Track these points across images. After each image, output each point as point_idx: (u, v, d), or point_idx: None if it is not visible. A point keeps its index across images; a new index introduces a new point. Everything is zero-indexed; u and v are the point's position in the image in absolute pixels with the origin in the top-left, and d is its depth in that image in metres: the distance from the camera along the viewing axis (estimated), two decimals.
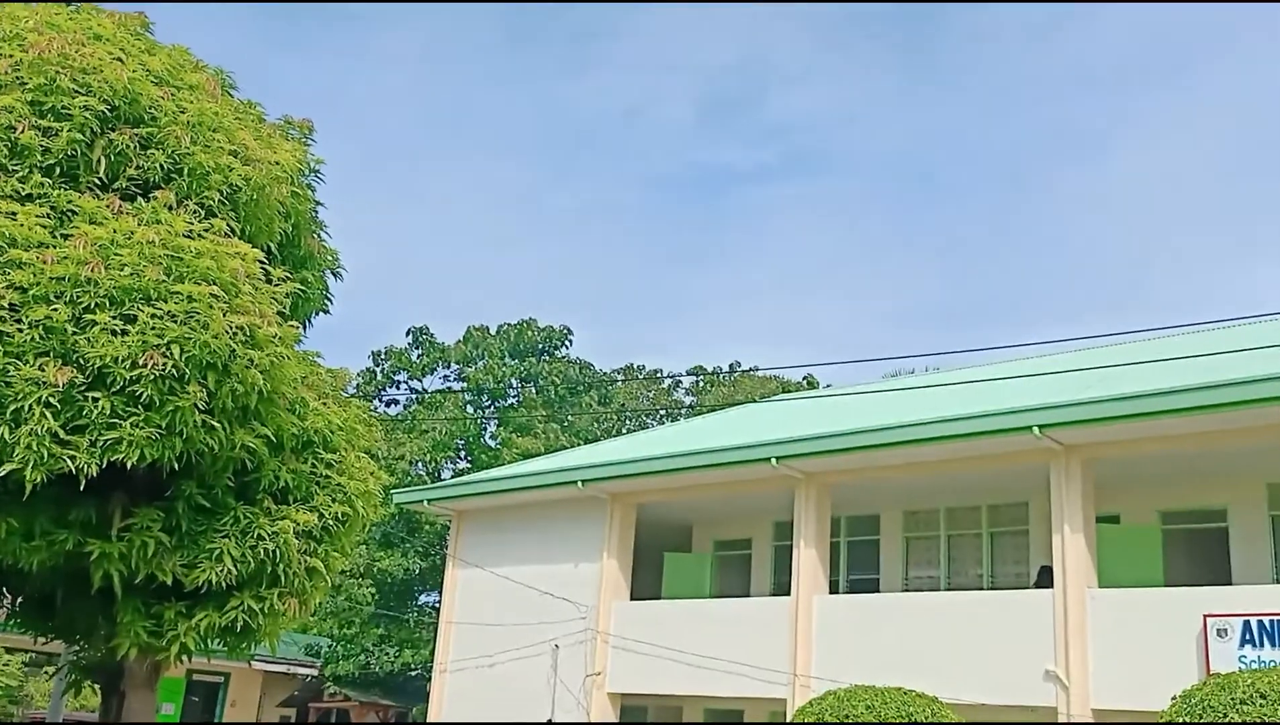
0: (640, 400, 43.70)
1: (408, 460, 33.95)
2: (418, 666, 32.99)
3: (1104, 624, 14.71)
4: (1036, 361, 19.62)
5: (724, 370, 44.61)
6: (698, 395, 44.39)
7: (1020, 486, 17.65)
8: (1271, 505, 16.04)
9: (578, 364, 38.61)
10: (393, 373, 37.65)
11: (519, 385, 36.38)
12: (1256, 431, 14.13)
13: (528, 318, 37.85)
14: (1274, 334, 16.92)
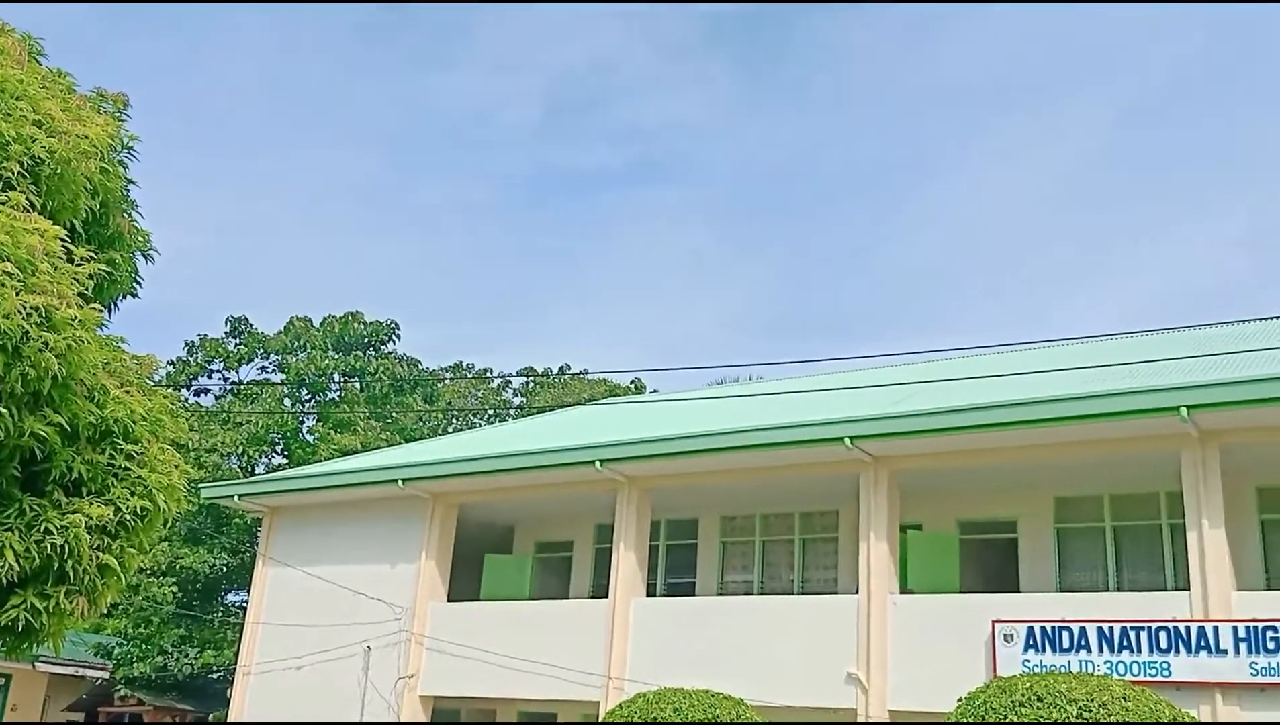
0: (468, 400, 43.24)
1: (219, 453, 32.55)
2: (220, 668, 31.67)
3: (903, 628, 15.43)
4: (853, 375, 20.42)
5: (554, 372, 44.64)
6: (527, 396, 44.27)
7: (831, 495, 18.33)
8: (1058, 518, 17.16)
9: (404, 360, 37.88)
10: (207, 362, 36.03)
11: (341, 380, 35.42)
12: (1046, 448, 15.11)
13: (354, 311, 36.89)
14: (1078, 356, 18.11)
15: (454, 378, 42.31)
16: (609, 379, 41.74)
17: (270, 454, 35.22)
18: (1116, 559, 16.61)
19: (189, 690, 32.40)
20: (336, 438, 33.56)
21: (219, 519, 32.10)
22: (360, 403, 35.75)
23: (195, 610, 31.84)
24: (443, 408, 40.33)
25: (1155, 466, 15.14)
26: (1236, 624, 13.14)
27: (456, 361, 43.29)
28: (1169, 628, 13.50)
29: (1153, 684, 13.04)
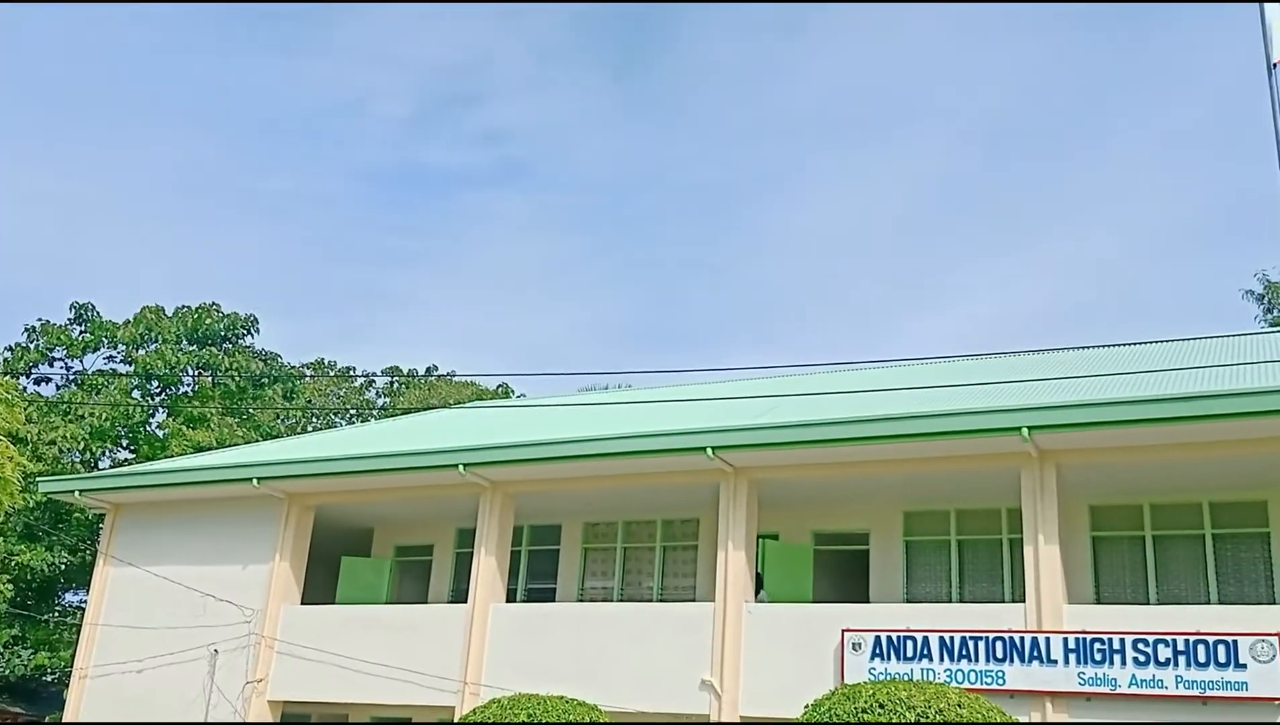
0: (330, 398, 42.27)
1: (59, 446, 31.00)
2: (55, 671, 30.15)
3: (757, 636, 15.77)
4: (717, 386, 20.79)
5: (419, 373, 43.98)
6: (391, 397, 43.52)
7: (693, 503, 18.61)
8: (907, 531, 17.81)
9: (263, 355, 36.75)
10: (49, 349, 34.24)
11: (195, 373, 34.16)
12: (896, 464, 15.68)
13: (210, 302, 35.63)
14: (929, 375, 18.81)
15: (315, 375, 41.29)
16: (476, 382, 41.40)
17: (116, 449, 33.74)
18: (960, 571, 17.34)
19: (21, 693, 30.79)
20: (188, 433, 32.37)
21: (58, 515, 30.58)
22: (215, 398, 34.55)
23: (30, 610, 30.24)
24: (303, 406, 39.32)
25: (998, 483, 15.85)
26: (1067, 635, 13.87)
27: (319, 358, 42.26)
28: (1005, 638, 14.16)
29: (988, 691, 13.68)
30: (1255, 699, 12.78)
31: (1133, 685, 13.35)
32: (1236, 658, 12.98)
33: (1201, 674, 13.09)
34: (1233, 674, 12.96)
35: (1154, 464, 14.74)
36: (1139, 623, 13.69)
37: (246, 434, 33.80)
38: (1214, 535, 15.83)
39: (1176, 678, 13.18)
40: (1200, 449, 14.12)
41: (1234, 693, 12.89)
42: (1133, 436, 14.14)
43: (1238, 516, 15.73)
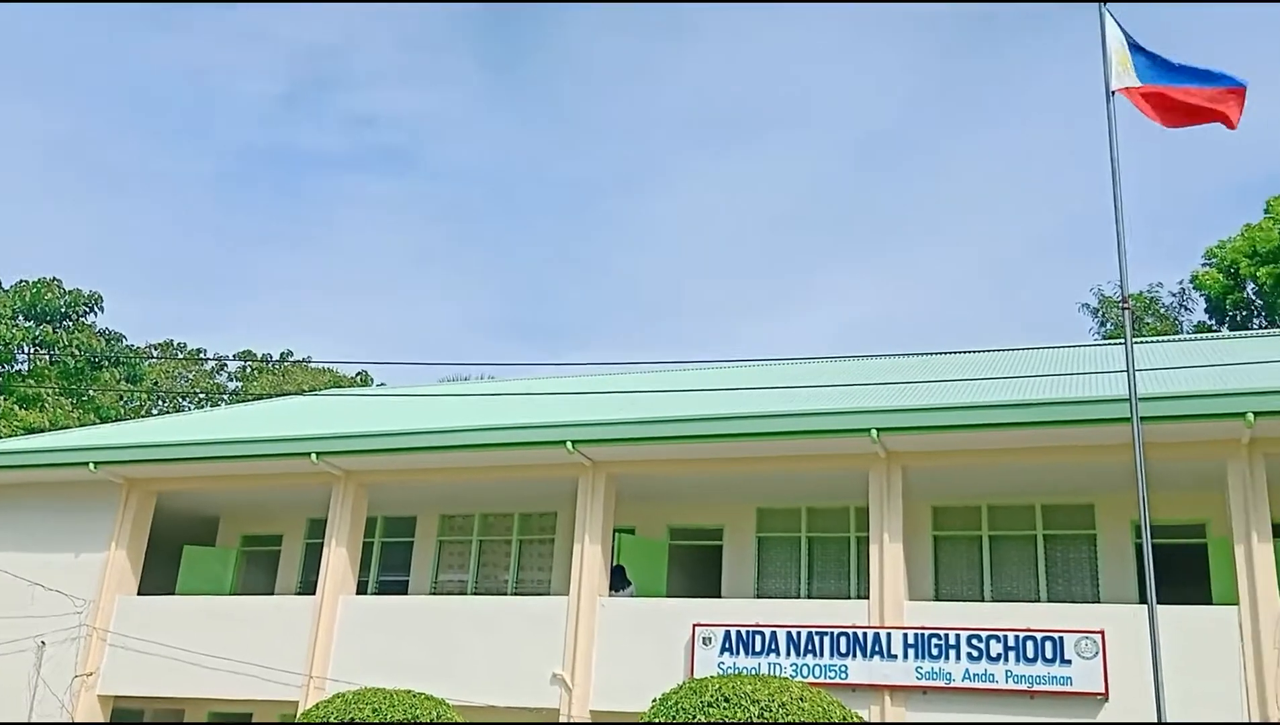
0: (178, 381, 40.62)
1: None
2: None
3: (611, 630, 15.86)
4: (578, 380, 20.81)
5: (274, 358, 42.63)
6: (244, 382, 42.09)
7: (551, 497, 18.58)
8: (760, 528, 18.18)
9: (106, 335, 35.03)
10: None
11: (30, 351, 32.36)
12: (751, 461, 15.98)
13: (51, 277, 33.80)
14: (789, 375, 19.23)
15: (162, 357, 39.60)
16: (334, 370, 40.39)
17: None
18: (809, 568, 17.78)
19: None
20: (20, 414, 30.64)
21: None
22: (51, 377, 32.79)
23: None
24: (148, 388, 37.66)
25: (847, 483, 16.32)
26: (907, 631, 14.38)
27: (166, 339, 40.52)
28: (849, 633, 14.59)
29: (831, 685, 14.08)
30: (1078, 694, 13.49)
31: (966, 680, 13.93)
32: (1062, 654, 13.68)
33: (1030, 669, 13.75)
34: (1058, 669, 13.65)
35: (993, 467, 15.39)
36: (974, 619, 14.28)
37: (83, 417, 32.18)
38: (1045, 536, 16.65)
39: (1007, 672, 13.81)
40: (1035, 454, 14.81)
41: (1059, 687, 13.57)
42: (974, 440, 14.74)
43: (1067, 519, 16.56)
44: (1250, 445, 13.72)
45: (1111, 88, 12.26)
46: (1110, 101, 12.17)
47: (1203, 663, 13.12)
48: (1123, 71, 12.46)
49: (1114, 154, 11.74)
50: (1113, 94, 12.15)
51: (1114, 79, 12.28)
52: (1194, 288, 33.38)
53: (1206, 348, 19.03)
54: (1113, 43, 12.47)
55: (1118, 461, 13.53)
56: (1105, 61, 12.17)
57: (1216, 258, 32.38)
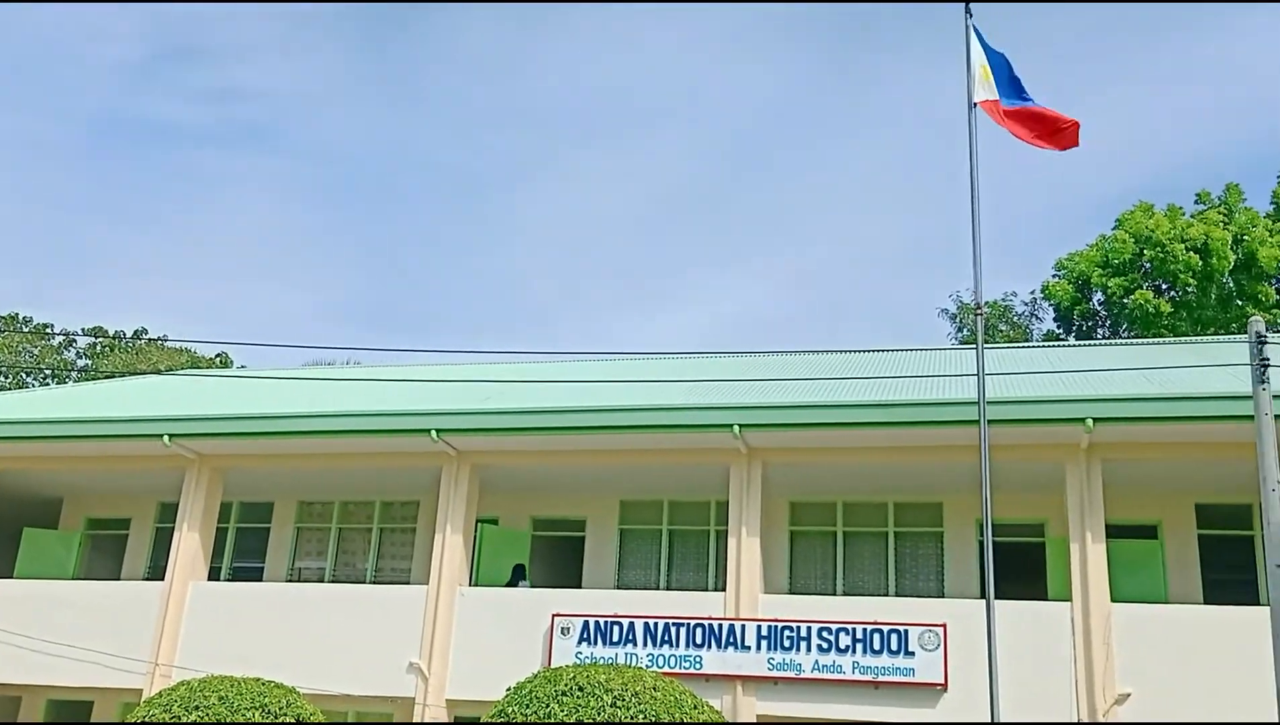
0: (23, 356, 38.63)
1: None
2: None
3: (469, 620, 15.78)
4: (444, 369, 20.59)
5: (127, 336, 40.91)
6: (94, 359, 40.29)
7: (414, 486, 18.36)
8: (622, 520, 18.31)
9: None
10: None
11: None
12: (614, 454, 16.10)
13: None
14: (655, 370, 19.38)
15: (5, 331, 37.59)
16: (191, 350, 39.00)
17: None
18: (669, 560, 18.01)
19: None
20: None
21: None
22: None
23: None
24: None
25: (708, 477, 16.58)
26: (761, 623, 14.71)
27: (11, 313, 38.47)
28: (705, 625, 14.84)
29: (686, 675, 14.31)
30: (920, 684, 14.02)
31: (815, 670, 14.33)
32: (906, 646, 14.19)
33: (876, 660, 14.23)
34: (902, 661, 14.16)
35: (849, 465, 15.85)
36: (825, 612, 14.70)
37: None
38: (896, 533, 17.22)
39: (854, 663, 14.26)
40: (889, 453, 15.32)
41: (902, 678, 14.09)
42: (831, 438, 15.16)
43: (917, 516, 17.17)
44: (1089, 450, 14.46)
45: (973, 100, 12.74)
46: (971, 113, 12.64)
47: (1037, 656, 13.79)
48: (984, 84, 12.96)
49: (973, 164, 12.21)
50: (974, 105, 12.63)
51: (975, 91, 12.76)
52: (1044, 298, 34.92)
53: (1053, 355, 19.95)
54: (976, 56, 12.96)
55: (966, 462, 14.08)
56: (968, 74, 12.64)
57: (1066, 269, 33.95)
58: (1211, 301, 30.75)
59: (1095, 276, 32.67)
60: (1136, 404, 13.82)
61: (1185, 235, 30.99)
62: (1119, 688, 13.49)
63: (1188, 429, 13.80)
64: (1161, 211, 32.27)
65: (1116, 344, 23.92)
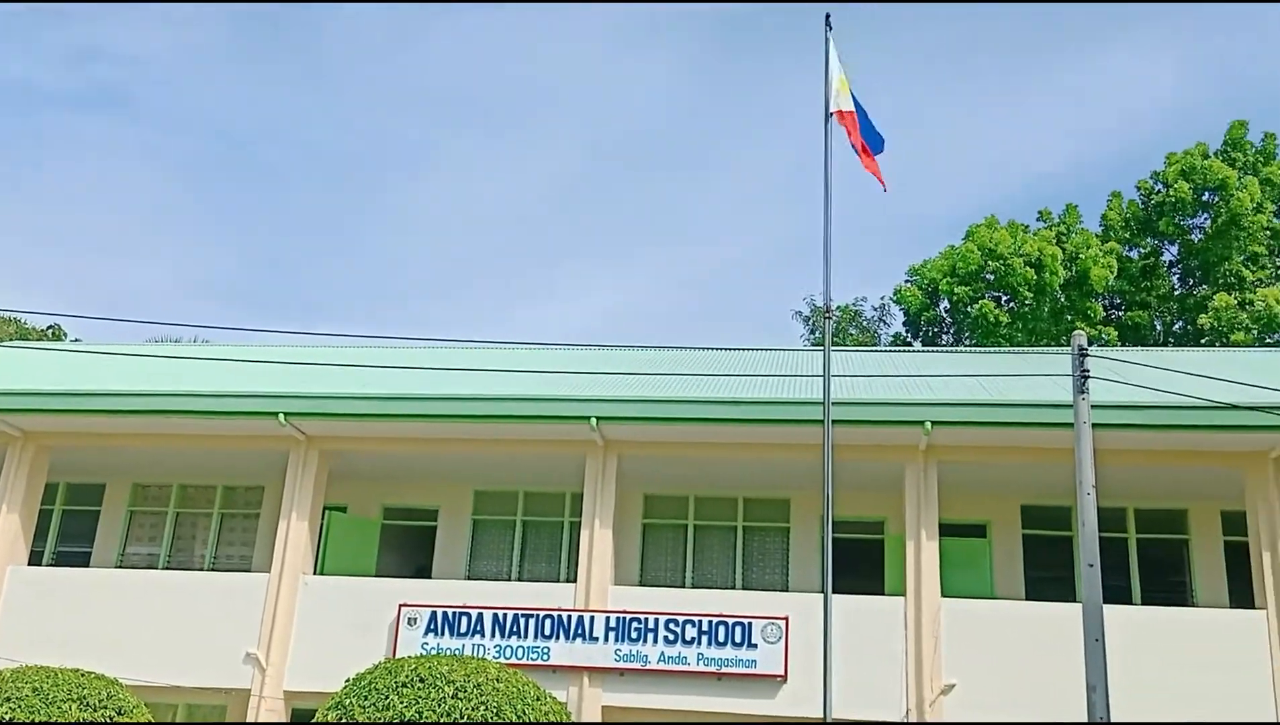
0: None
1: None
2: None
3: (313, 609, 15.40)
4: (298, 350, 20.01)
5: None
6: None
7: (259, 470, 17.80)
8: (476, 510, 18.15)
9: None
10: None
11: None
12: (469, 443, 15.95)
13: None
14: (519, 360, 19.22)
15: None
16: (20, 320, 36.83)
17: None
18: (522, 551, 17.95)
19: None
20: None
21: None
22: None
23: None
24: None
25: (564, 468, 16.58)
26: (609, 615, 14.81)
27: None
28: (554, 616, 14.86)
29: (533, 667, 14.30)
30: (762, 675, 14.35)
31: (661, 662, 14.51)
32: (750, 638, 14.51)
33: (720, 652, 14.50)
34: (745, 653, 14.47)
35: (702, 459, 16.09)
36: (672, 604, 14.90)
37: None
38: (745, 527, 17.57)
39: (699, 655, 14.50)
40: (740, 449, 15.62)
41: (745, 670, 14.39)
42: (686, 433, 15.37)
43: (765, 512, 17.55)
44: (927, 451, 15.05)
45: (830, 109, 13.11)
46: (828, 122, 13.00)
47: (872, 648, 14.29)
48: (842, 95, 13.36)
49: (828, 171, 12.58)
50: (830, 115, 13.00)
51: (833, 101, 13.13)
52: (895, 302, 36.20)
53: (898, 360, 20.69)
54: (835, 67, 13.33)
55: (813, 460, 14.47)
56: (826, 84, 12.99)
57: (919, 276, 35.28)
58: (1045, 314, 32.39)
59: (943, 284, 33.99)
60: (971, 409, 14.46)
61: (1024, 251, 32.56)
62: (945, 679, 14.09)
63: (1016, 434, 14.51)
64: (1005, 227, 33.81)
65: (956, 351, 24.97)
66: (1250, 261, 32.50)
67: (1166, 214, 33.67)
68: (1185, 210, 33.42)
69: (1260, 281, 31.96)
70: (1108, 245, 33.49)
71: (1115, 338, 32.49)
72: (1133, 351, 20.07)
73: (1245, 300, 31.25)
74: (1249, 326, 30.56)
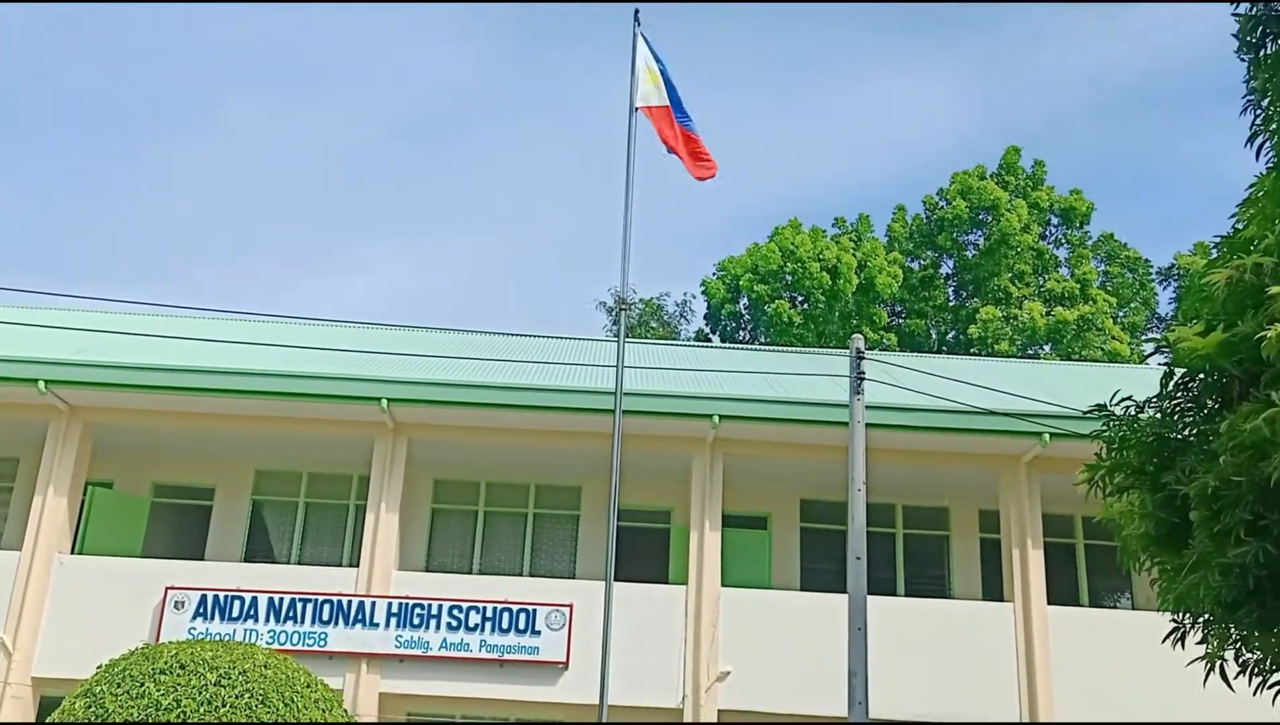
0: None
1: None
2: None
3: (69, 591, 14.49)
4: (60, 315, 18.69)
5: None
6: None
7: (13, 441, 16.57)
8: (256, 490, 17.46)
9: None
10: None
11: None
12: (250, 420, 15.35)
13: None
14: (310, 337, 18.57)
15: None
16: None
17: None
18: (304, 534, 17.38)
19: None
20: None
21: None
22: None
23: None
24: None
25: (351, 450, 16.18)
26: (392, 600, 14.56)
27: None
28: (333, 601, 14.49)
29: (309, 653, 13.91)
30: (544, 662, 14.44)
31: (443, 648, 14.39)
32: (533, 625, 14.57)
33: (503, 639, 14.50)
34: (528, 639, 14.52)
35: (494, 445, 16.02)
36: (458, 590, 14.80)
37: None
38: (536, 515, 17.60)
39: (481, 642, 14.45)
40: (532, 436, 15.65)
41: (527, 656, 14.45)
42: (478, 418, 15.27)
43: (556, 499, 17.63)
44: (714, 444, 15.48)
45: (635, 104, 13.27)
46: (633, 116, 13.15)
47: (653, 635, 14.60)
48: (650, 90, 13.53)
49: (630, 165, 12.73)
50: (635, 110, 13.16)
51: (639, 95, 13.29)
52: (702, 294, 37.05)
53: (693, 354, 21.18)
54: (642, 61, 13.50)
55: (604, 449, 14.62)
56: (632, 78, 13.14)
57: (726, 271, 36.24)
58: (835, 318, 33.88)
59: (744, 281, 35.03)
60: (757, 405, 14.99)
61: (821, 255, 33.95)
62: (721, 666, 14.56)
63: (798, 431, 15.13)
64: (808, 231, 35.15)
65: (749, 348, 25.79)
66: (1016, 278, 34.96)
67: (945, 229, 35.81)
68: (962, 227, 35.65)
69: (1025, 297, 34.43)
70: (892, 255, 35.34)
71: (895, 343, 34.30)
72: (908, 357, 21.23)
73: (1010, 314, 33.61)
74: (1013, 338, 32.90)
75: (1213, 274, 6.00)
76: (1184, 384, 6.68)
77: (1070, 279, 34.98)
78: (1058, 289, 34.53)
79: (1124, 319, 35.36)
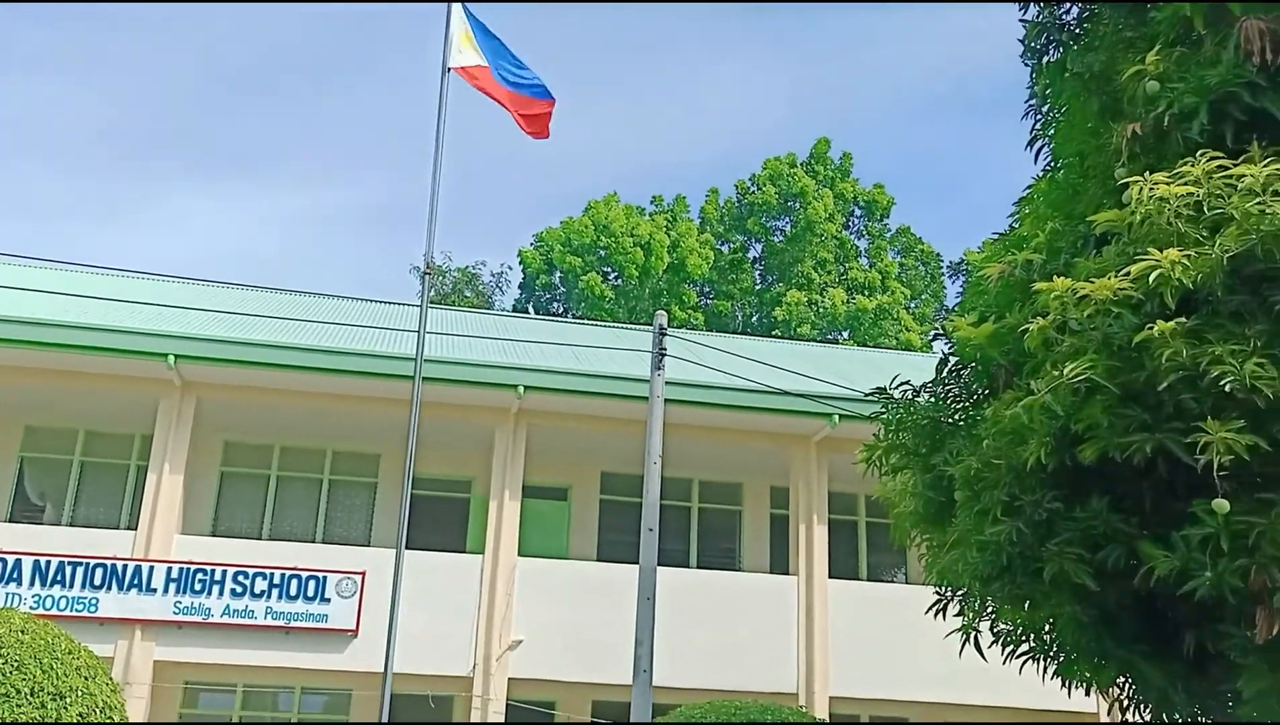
0: None
1: None
2: None
3: None
4: None
5: None
6: None
7: None
8: (25, 447, 16.29)
9: None
10: None
11: None
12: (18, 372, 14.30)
13: None
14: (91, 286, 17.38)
15: None
16: None
17: None
18: (78, 494, 16.36)
19: None
20: None
21: None
22: None
23: None
24: None
25: (135, 408, 15.33)
26: (172, 565, 13.91)
27: None
28: (106, 565, 13.73)
29: (75, 619, 13.13)
30: (333, 630, 14.12)
31: (225, 615, 13.86)
32: (323, 592, 14.21)
33: (290, 606, 14.08)
34: (317, 607, 14.15)
35: (289, 408, 15.48)
36: (245, 556, 14.27)
37: None
38: (331, 481, 17.13)
39: (267, 609, 13.99)
40: (329, 399, 15.21)
41: (315, 624, 14.09)
42: (272, 379, 14.72)
43: (354, 466, 17.21)
44: (518, 414, 15.45)
45: (449, 65, 12.96)
46: (445, 78, 12.86)
47: (446, 603, 14.50)
48: (463, 50, 13.22)
49: (440, 129, 12.44)
50: (448, 71, 12.86)
51: (452, 57, 12.99)
52: (519, 265, 36.83)
53: (501, 323, 21.04)
54: (457, 22, 13.19)
55: (404, 416, 14.31)
56: (446, 40, 12.83)
57: (544, 242, 36.10)
58: (646, 295, 34.35)
59: (557, 254, 35.01)
60: (561, 377, 15.04)
61: (634, 231, 34.29)
62: (514, 634, 14.60)
63: (600, 404, 15.28)
64: (623, 207, 35.41)
65: (558, 321, 25.82)
66: (820, 265, 36.33)
67: (755, 214, 36.81)
68: (771, 212, 36.72)
69: (828, 284, 35.82)
70: (704, 236, 36.06)
71: (703, 323, 35.09)
72: (712, 336, 21.72)
73: (813, 299, 34.90)
74: (815, 323, 34.19)
75: (987, 268, 6.40)
76: (957, 371, 7.10)
77: (871, 270, 36.59)
78: (860, 278, 36.07)
79: (916, 310, 37.27)
